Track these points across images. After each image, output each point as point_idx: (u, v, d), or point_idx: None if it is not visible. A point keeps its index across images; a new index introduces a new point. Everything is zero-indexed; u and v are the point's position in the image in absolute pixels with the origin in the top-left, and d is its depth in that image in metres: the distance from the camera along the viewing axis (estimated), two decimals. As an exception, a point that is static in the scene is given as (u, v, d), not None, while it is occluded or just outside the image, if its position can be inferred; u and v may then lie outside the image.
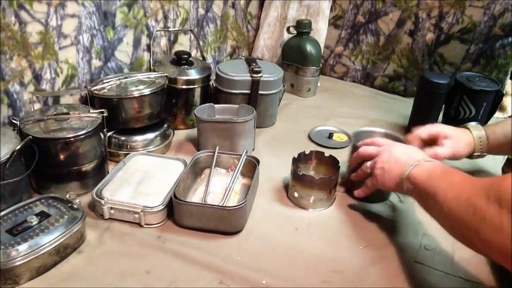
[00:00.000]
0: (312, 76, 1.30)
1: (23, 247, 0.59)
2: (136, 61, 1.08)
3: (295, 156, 0.82)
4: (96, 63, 0.97)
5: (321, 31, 1.42)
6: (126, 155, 0.87)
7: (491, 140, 0.81)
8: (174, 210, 0.72)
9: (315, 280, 0.64)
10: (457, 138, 0.80)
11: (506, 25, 1.20)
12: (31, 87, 0.84)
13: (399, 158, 0.68)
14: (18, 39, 0.78)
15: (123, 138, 0.91)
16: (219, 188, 0.81)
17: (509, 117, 1.23)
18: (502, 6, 1.19)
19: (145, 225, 0.72)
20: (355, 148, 0.81)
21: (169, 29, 1.15)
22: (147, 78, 0.95)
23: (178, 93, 1.03)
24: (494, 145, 0.81)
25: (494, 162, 1.01)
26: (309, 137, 1.07)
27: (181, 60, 1.05)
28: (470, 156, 0.83)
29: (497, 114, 1.19)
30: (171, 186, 0.77)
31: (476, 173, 0.94)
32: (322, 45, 1.40)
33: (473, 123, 0.84)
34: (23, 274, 0.59)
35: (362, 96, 1.38)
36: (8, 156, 0.66)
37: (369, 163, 0.74)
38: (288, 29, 1.35)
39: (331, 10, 1.44)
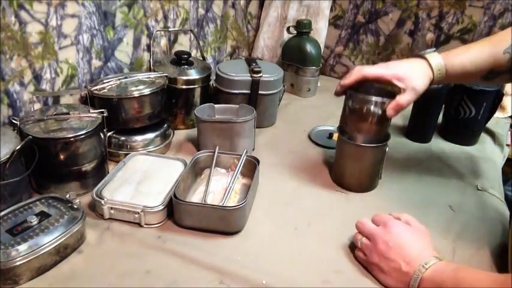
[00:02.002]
0: (312, 76, 1.30)
1: (23, 247, 0.59)
2: (136, 61, 1.08)
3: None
4: (96, 63, 0.97)
5: (321, 31, 1.42)
6: (126, 155, 0.87)
7: (448, 72, 0.74)
8: (174, 210, 0.72)
9: (315, 280, 0.64)
10: (418, 75, 0.73)
11: (506, 25, 1.20)
12: (31, 87, 0.84)
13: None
14: (18, 39, 0.78)
15: (123, 138, 0.91)
16: (219, 188, 0.81)
17: (509, 117, 1.23)
18: (502, 6, 1.19)
19: (145, 225, 0.72)
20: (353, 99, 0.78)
21: (169, 29, 1.16)
22: (147, 78, 0.95)
23: (178, 93, 1.03)
24: (450, 76, 0.75)
25: (494, 163, 1.01)
26: (309, 137, 1.07)
27: (181, 60, 1.05)
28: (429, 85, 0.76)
29: (497, 114, 1.19)
30: (171, 186, 0.77)
31: (475, 173, 0.94)
32: (322, 45, 1.40)
33: (429, 51, 0.76)
34: (23, 274, 0.59)
35: (362, 96, 1.37)
36: (8, 156, 0.66)
37: (364, 239, 0.66)
38: (288, 29, 1.35)
39: (331, 10, 1.44)
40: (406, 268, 0.59)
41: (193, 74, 1.04)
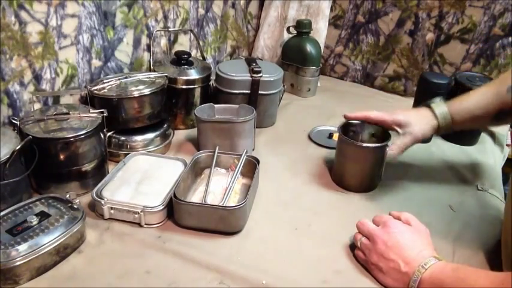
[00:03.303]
0: (312, 76, 1.30)
1: (23, 247, 0.59)
2: (136, 61, 1.08)
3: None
4: (96, 63, 0.97)
5: (321, 31, 1.42)
6: (126, 155, 0.87)
7: (455, 119, 0.77)
8: (174, 210, 0.72)
9: (315, 280, 0.64)
10: (416, 122, 0.78)
11: (506, 25, 1.20)
12: (31, 87, 0.84)
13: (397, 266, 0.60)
14: (18, 39, 0.78)
15: (123, 138, 0.91)
16: (219, 188, 0.81)
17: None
18: (502, 6, 1.19)
19: (145, 225, 0.72)
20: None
21: (169, 29, 1.15)
22: (147, 78, 0.95)
23: (178, 93, 1.03)
24: (459, 122, 0.78)
25: (494, 164, 1.01)
26: (309, 137, 1.07)
27: (181, 60, 1.05)
28: (436, 132, 0.80)
29: (497, 114, 1.19)
30: (171, 186, 0.77)
31: (475, 173, 0.94)
32: (322, 45, 1.40)
33: (437, 100, 0.80)
34: (23, 274, 0.59)
35: (362, 96, 1.38)
36: (8, 156, 0.66)
37: (364, 239, 0.66)
38: (288, 29, 1.35)
39: (331, 10, 1.44)
40: (405, 268, 0.59)
41: (193, 74, 1.04)
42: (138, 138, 0.92)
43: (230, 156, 0.86)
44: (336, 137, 1.07)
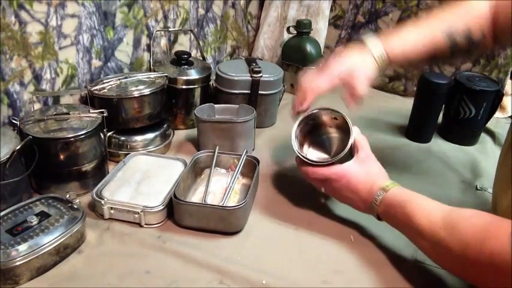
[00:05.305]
0: (312, 76, 1.30)
1: (23, 247, 0.59)
2: (137, 61, 1.08)
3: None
4: (96, 63, 0.97)
5: (321, 31, 1.42)
6: (126, 155, 0.87)
7: (391, 59, 0.76)
8: (174, 210, 0.72)
9: (315, 280, 0.64)
10: (359, 66, 0.77)
11: (506, 25, 1.20)
12: (31, 87, 0.84)
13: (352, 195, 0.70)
14: (18, 39, 0.79)
15: (123, 138, 0.91)
16: (219, 188, 0.81)
17: (509, 117, 1.23)
18: (502, 6, 1.19)
19: (145, 225, 0.72)
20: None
21: (169, 29, 1.16)
22: (147, 78, 0.95)
23: (178, 93, 1.03)
24: (394, 62, 0.77)
25: (494, 163, 1.00)
26: (309, 137, 1.07)
27: (181, 60, 1.05)
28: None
29: (497, 114, 1.19)
30: (171, 186, 0.77)
31: (475, 173, 0.94)
32: (322, 45, 1.40)
33: (371, 36, 0.77)
34: (23, 274, 0.59)
35: (362, 96, 1.37)
36: (8, 156, 0.66)
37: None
38: (288, 29, 1.35)
39: (331, 10, 1.44)
40: (364, 205, 0.69)
41: (193, 74, 1.04)
42: (138, 138, 0.92)
43: (230, 156, 0.86)
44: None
